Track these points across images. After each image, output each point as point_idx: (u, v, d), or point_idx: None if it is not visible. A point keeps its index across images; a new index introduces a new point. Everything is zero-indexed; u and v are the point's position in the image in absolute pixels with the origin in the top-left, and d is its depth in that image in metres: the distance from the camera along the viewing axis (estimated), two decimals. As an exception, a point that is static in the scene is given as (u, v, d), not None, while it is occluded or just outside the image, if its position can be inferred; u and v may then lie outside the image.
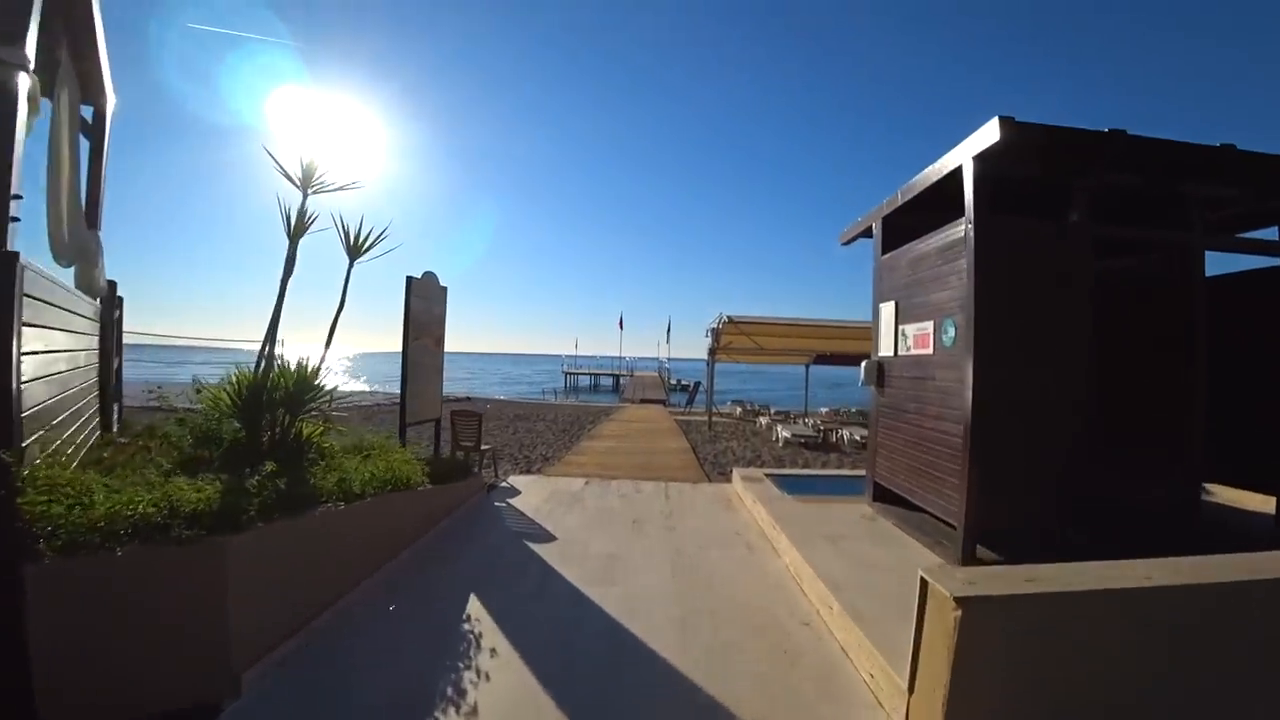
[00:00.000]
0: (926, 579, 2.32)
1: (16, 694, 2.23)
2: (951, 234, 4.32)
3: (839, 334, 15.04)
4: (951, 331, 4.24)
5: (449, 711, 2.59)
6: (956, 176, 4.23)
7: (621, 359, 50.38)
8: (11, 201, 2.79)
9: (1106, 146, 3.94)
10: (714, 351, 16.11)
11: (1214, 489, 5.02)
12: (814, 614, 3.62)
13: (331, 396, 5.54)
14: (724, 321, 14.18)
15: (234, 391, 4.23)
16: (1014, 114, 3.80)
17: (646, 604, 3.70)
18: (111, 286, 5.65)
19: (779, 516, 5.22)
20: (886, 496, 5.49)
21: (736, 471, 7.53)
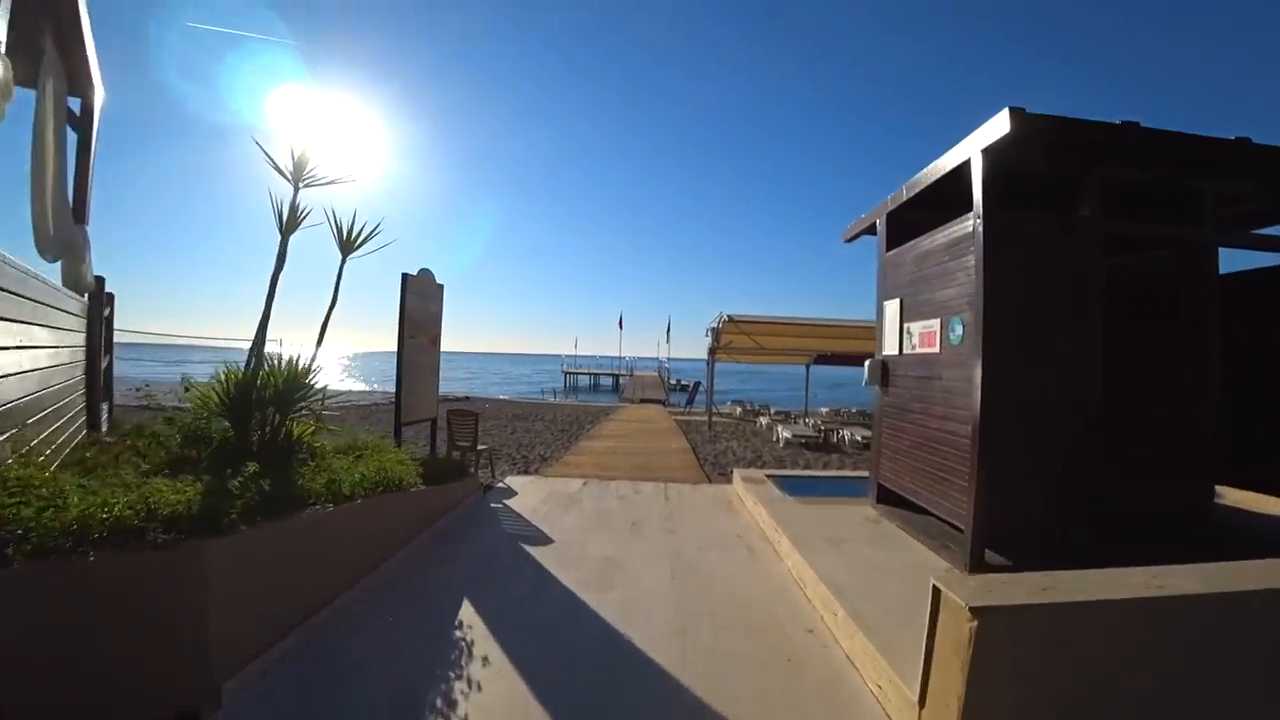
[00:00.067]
0: (939, 587, 2.21)
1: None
2: (959, 229, 4.21)
3: (840, 333, 14.95)
4: (959, 329, 4.13)
5: (438, 724, 2.48)
6: (964, 171, 4.12)
7: (621, 359, 50.28)
8: None
9: (1119, 139, 3.83)
10: (714, 351, 15.99)
11: (1222, 490, 4.91)
12: (818, 620, 3.51)
13: (324, 395, 5.43)
14: (724, 321, 14.07)
15: (222, 390, 4.13)
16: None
17: (645, 609, 3.59)
18: (100, 283, 5.54)
19: (780, 519, 5.10)
20: (890, 498, 5.38)
21: (737, 472, 7.41)
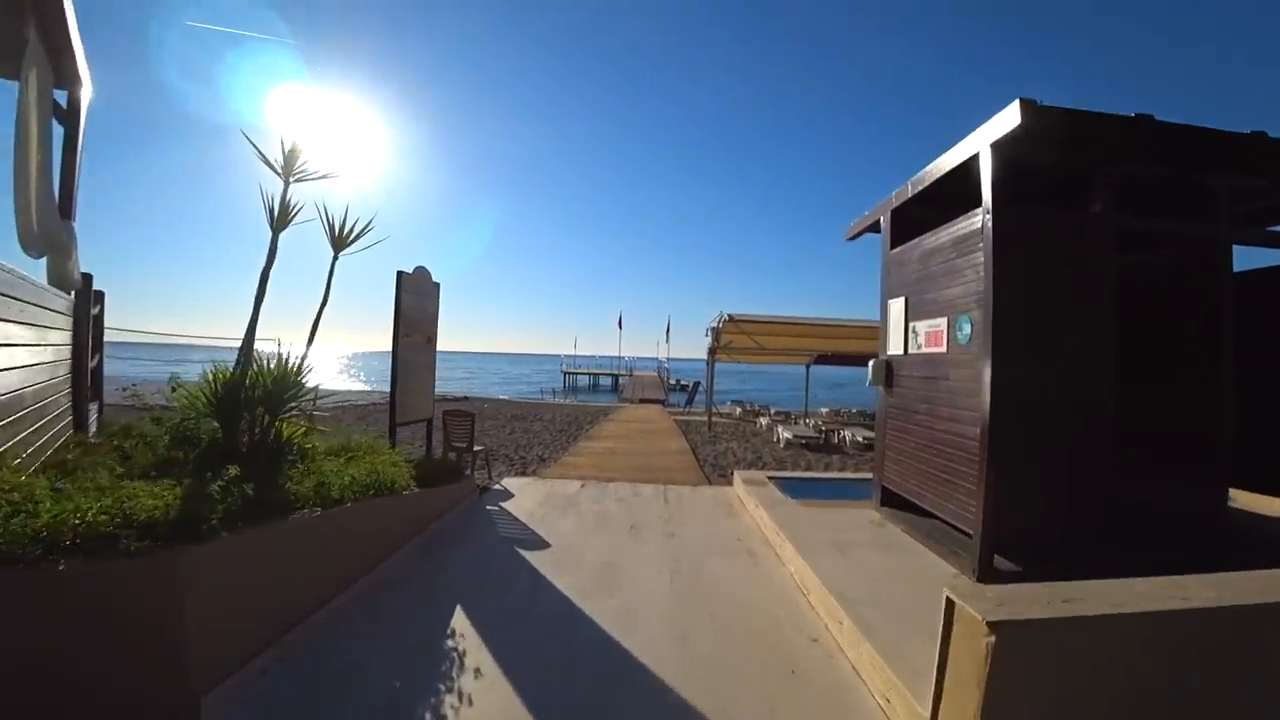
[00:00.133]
0: (953, 599, 2.10)
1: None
2: (967, 225, 4.10)
3: (840, 333, 14.82)
4: (967, 328, 4.02)
5: (426, 741, 2.37)
6: (971, 166, 4.00)
7: (621, 359, 50.13)
8: None
9: (1132, 133, 3.71)
10: (714, 351, 15.86)
11: (1234, 493, 4.80)
12: (822, 629, 3.40)
13: (315, 395, 5.31)
14: (724, 320, 13.94)
15: (210, 391, 4.02)
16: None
17: (644, 618, 3.48)
18: (87, 280, 5.42)
19: (782, 522, 4.99)
20: (894, 501, 5.27)
21: (738, 474, 7.30)
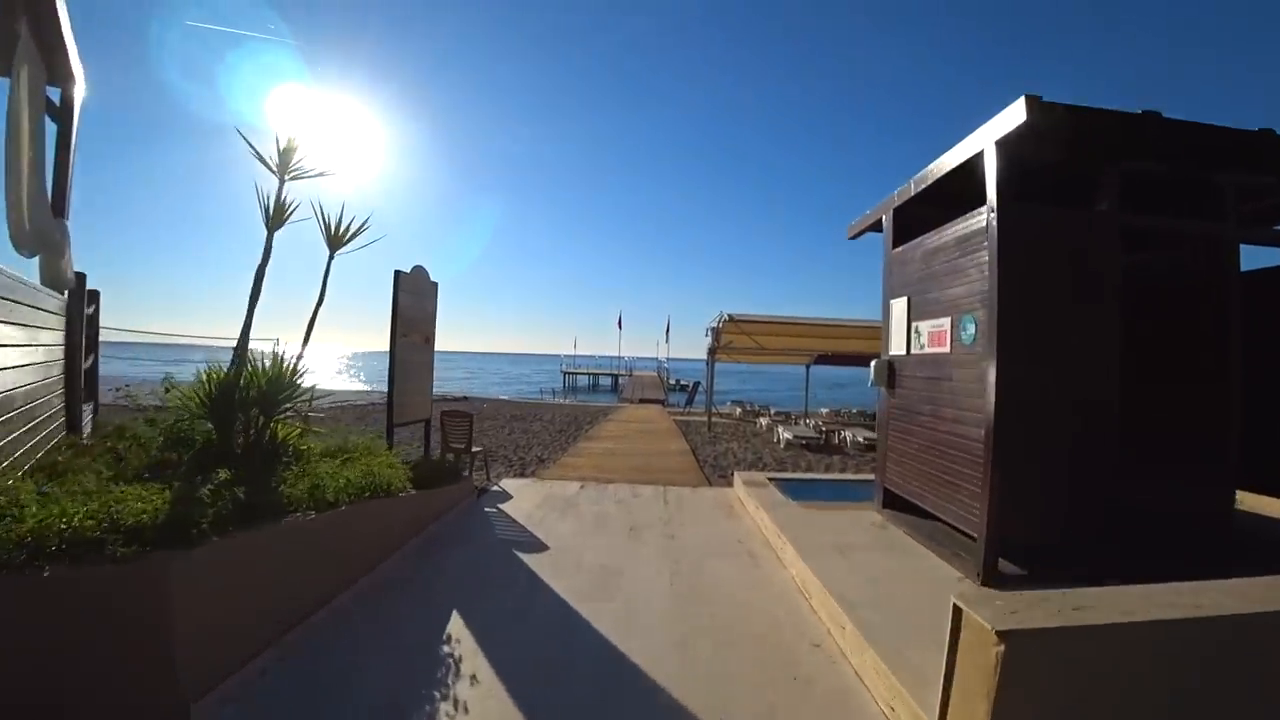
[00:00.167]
0: (961, 607, 2.04)
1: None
2: (971, 224, 4.04)
3: (841, 333, 14.76)
4: (971, 328, 3.96)
5: (421, 751, 2.31)
6: (975, 164, 3.95)
7: (620, 358, 50.07)
8: None
9: (1139, 130, 3.66)
10: (714, 351, 15.80)
11: (1240, 496, 4.74)
12: (825, 634, 3.34)
13: (311, 396, 5.25)
14: (724, 320, 13.88)
15: (203, 391, 3.97)
16: (995, 115, 3.57)
17: (643, 623, 3.42)
18: (80, 280, 5.36)
19: (783, 524, 4.93)
20: (896, 503, 5.21)
21: (738, 475, 7.24)
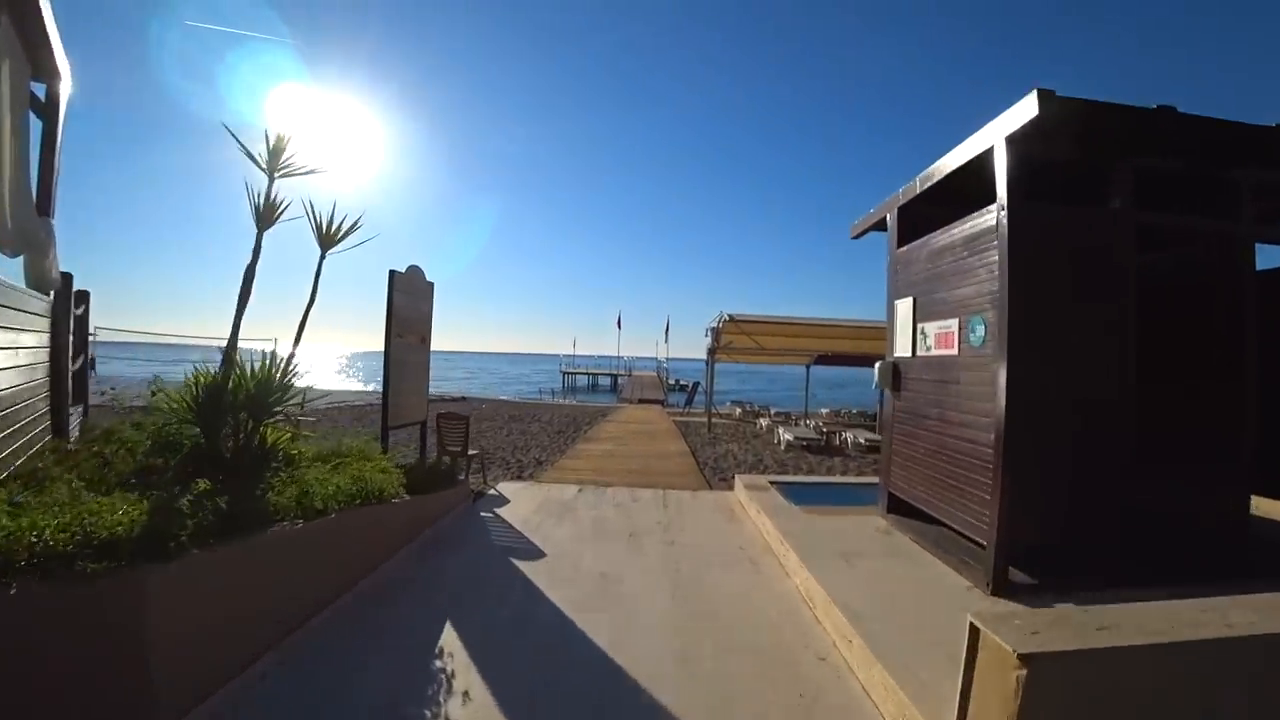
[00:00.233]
0: (979, 627, 1.93)
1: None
2: (980, 223, 3.93)
3: (841, 333, 14.67)
4: (980, 330, 3.85)
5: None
6: (984, 160, 3.84)
7: (619, 358, 49.95)
8: None
9: (1153, 125, 3.56)
10: (714, 351, 15.69)
11: (1255, 501, 4.63)
12: (831, 647, 3.23)
13: (303, 399, 5.13)
14: (724, 320, 13.77)
15: (190, 395, 3.85)
16: (990, 114, 3.50)
17: (643, 635, 3.31)
18: (67, 280, 5.24)
19: (786, 530, 4.82)
20: (901, 508, 5.11)
21: (739, 479, 7.13)
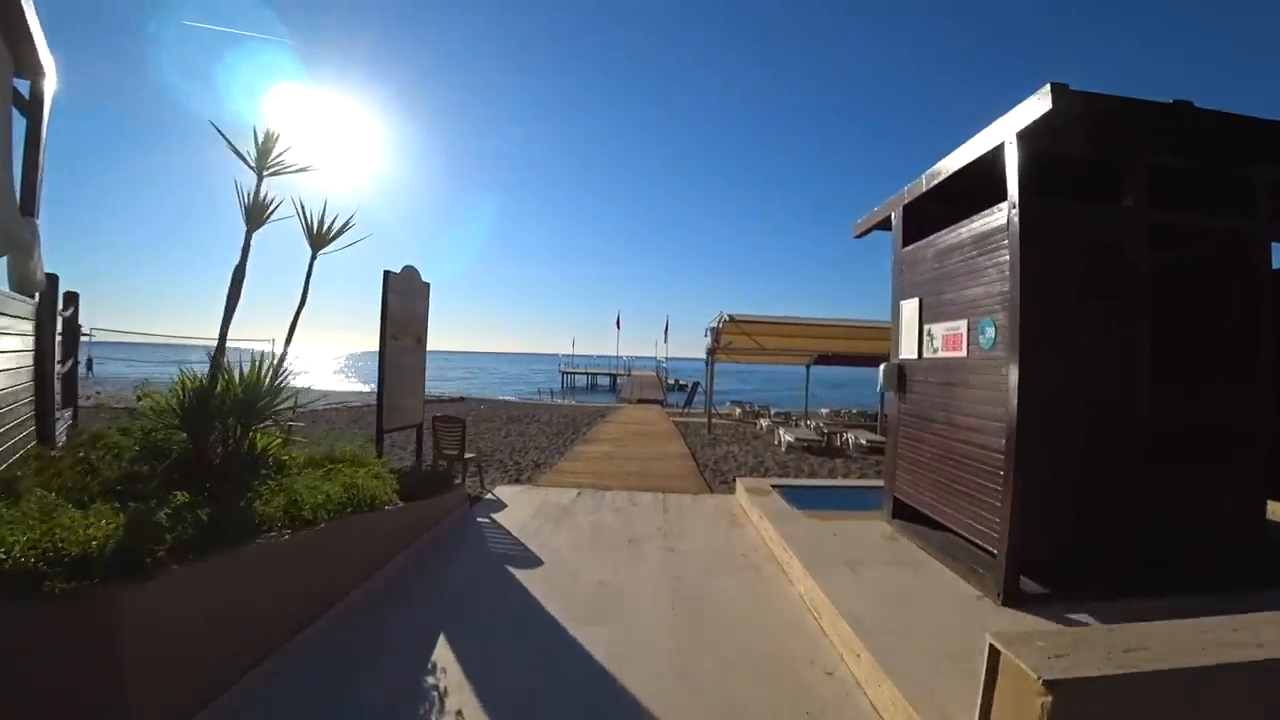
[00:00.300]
0: (999, 649, 1.82)
1: None
2: (990, 221, 3.82)
3: (841, 333, 14.57)
4: (990, 332, 3.74)
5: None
6: (994, 157, 3.73)
7: (619, 358, 49.81)
8: None
9: (1171, 121, 3.44)
10: (713, 351, 15.58)
11: (1272, 506, 4.53)
12: (838, 661, 3.12)
13: (295, 404, 5.01)
14: (725, 320, 13.66)
15: (177, 399, 3.74)
16: (985, 116, 3.38)
17: (643, 649, 3.19)
18: (53, 281, 5.11)
19: (790, 537, 4.71)
20: (906, 513, 5.00)
21: (740, 482, 7.01)
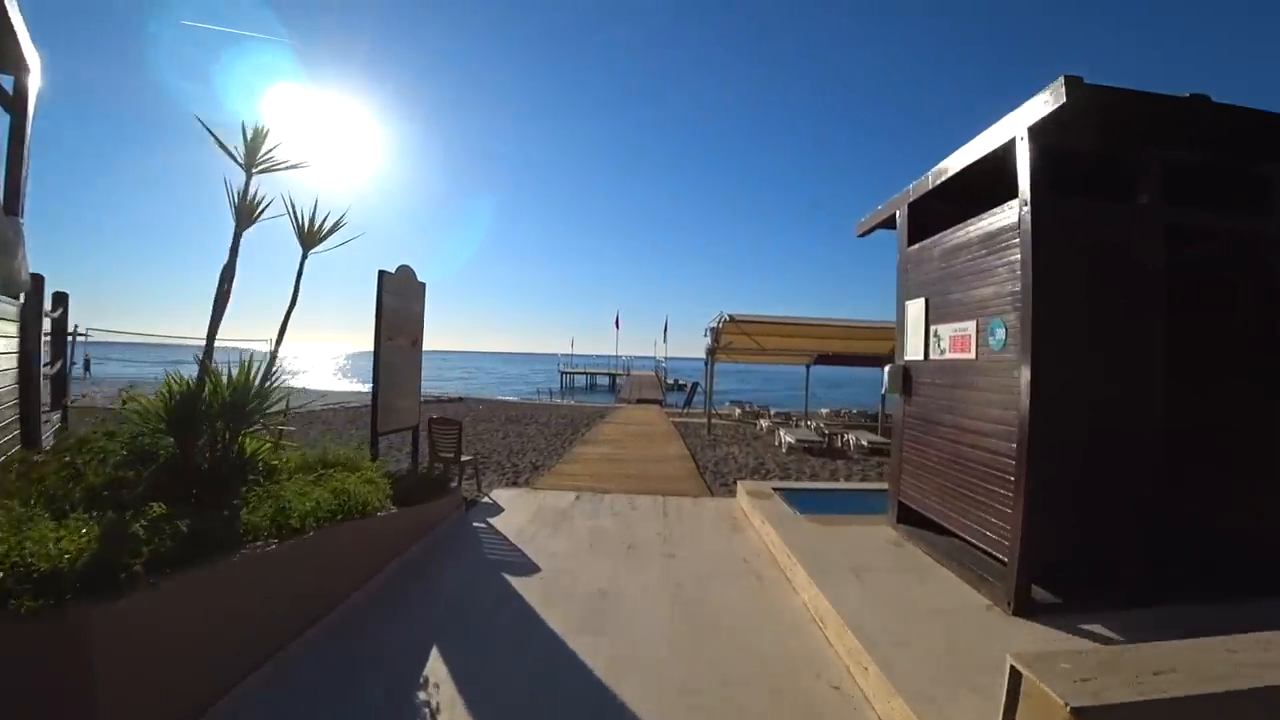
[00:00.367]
0: (1022, 672, 1.72)
1: None
2: (999, 219, 3.71)
3: (841, 333, 14.47)
4: (1000, 333, 3.64)
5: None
6: (1004, 154, 3.63)
7: (618, 358, 49.70)
8: None
9: (1188, 115, 3.34)
10: (713, 351, 15.47)
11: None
12: (845, 674, 3.01)
13: (287, 405, 4.90)
14: (724, 320, 13.55)
15: (164, 403, 3.63)
16: (980, 116, 3.25)
17: (643, 662, 3.08)
18: (38, 282, 5.00)
19: (793, 542, 4.60)
20: (911, 518, 4.90)
21: (742, 485, 6.91)
